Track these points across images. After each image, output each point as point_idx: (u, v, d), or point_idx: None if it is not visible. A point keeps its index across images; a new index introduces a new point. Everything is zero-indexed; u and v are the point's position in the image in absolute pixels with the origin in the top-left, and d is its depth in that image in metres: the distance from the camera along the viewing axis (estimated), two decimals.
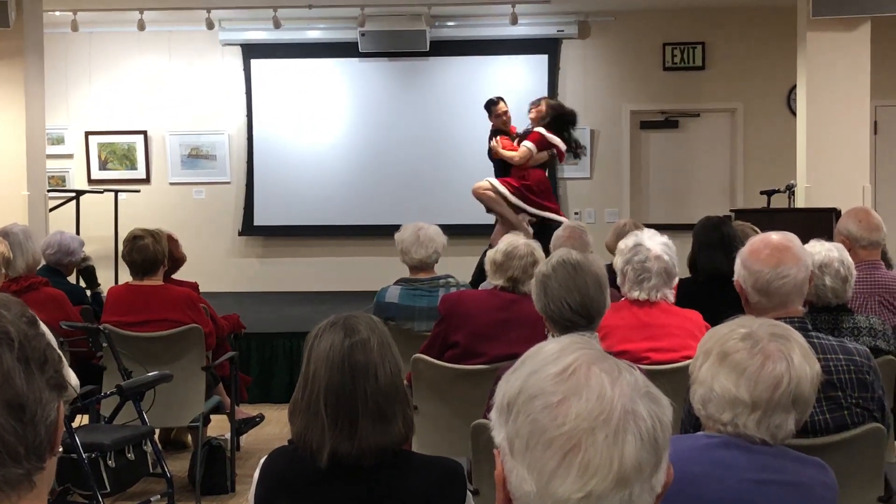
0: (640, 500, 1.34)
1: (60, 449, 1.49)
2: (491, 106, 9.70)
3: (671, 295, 4.47)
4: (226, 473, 6.23)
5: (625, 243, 4.50)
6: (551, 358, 1.41)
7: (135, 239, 6.14)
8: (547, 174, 9.72)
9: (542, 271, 3.64)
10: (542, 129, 9.30)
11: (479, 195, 9.36)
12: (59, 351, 1.51)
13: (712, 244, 5.64)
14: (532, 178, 9.32)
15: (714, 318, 2.93)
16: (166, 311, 6.11)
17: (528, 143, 9.26)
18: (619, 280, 4.36)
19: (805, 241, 3.90)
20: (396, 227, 6.20)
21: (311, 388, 2.58)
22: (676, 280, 4.52)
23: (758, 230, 5.64)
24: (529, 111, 9.62)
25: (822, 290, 4.23)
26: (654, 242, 4.44)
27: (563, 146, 9.40)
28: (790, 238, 3.57)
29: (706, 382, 2.51)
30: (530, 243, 4.96)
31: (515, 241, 4.94)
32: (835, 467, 2.59)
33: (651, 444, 1.35)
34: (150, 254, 6.11)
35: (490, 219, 9.54)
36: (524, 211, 9.21)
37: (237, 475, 6.34)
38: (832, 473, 2.52)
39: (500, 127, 9.61)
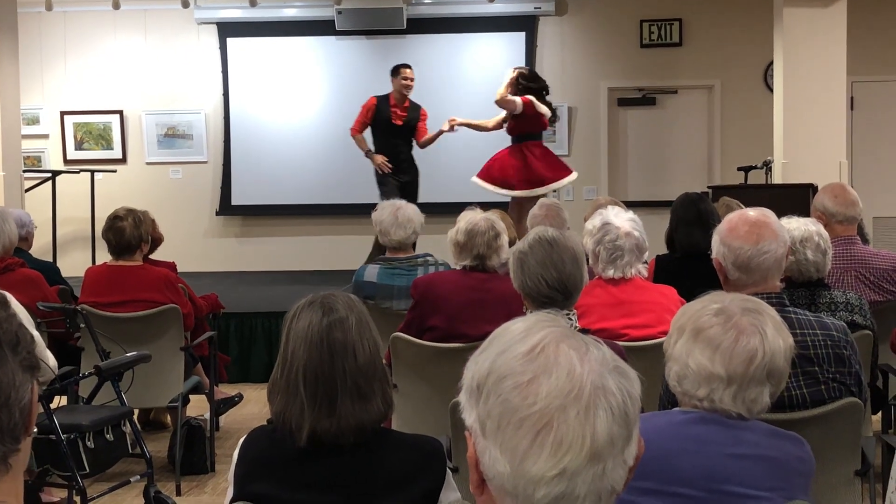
0: (613, 474, 1.35)
1: (35, 430, 1.49)
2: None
3: (644, 269, 4.48)
4: (205, 453, 6.22)
5: (592, 224, 4.50)
6: (519, 337, 1.41)
7: (115, 219, 6.12)
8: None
9: (518, 248, 3.64)
10: (532, 98, 9.27)
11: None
12: (32, 331, 1.49)
13: (689, 221, 5.65)
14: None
15: (691, 294, 2.94)
16: (144, 291, 6.09)
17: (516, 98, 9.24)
18: (591, 261, 4.35)
19: (781, 217, 3.91)
20: (374, 206, 6.18)
21: (290, 368, 2.58)
22: (647, 254, 4.53)
23: (743, 206, 5.67)
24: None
25: (804, 264, 4.24)
26: (622, 219, 4.44)
27: (547, 114, 9.40)
28: (767, 214, 3.58)
29: (681, 359, 2.52)
30: (489, 217, 4.95)
31: (474, 218, 4.93)
32: (812, 441, 2.60)
33: (622, 418, 1.35)
34: (126, 237, 6.08)
35: (463, 197, 9.51)
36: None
37: (217, 455, 6.34)
38: (808, 447, 2.53)
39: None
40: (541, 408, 1.32)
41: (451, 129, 10.00)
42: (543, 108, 9.25)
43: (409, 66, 9.99)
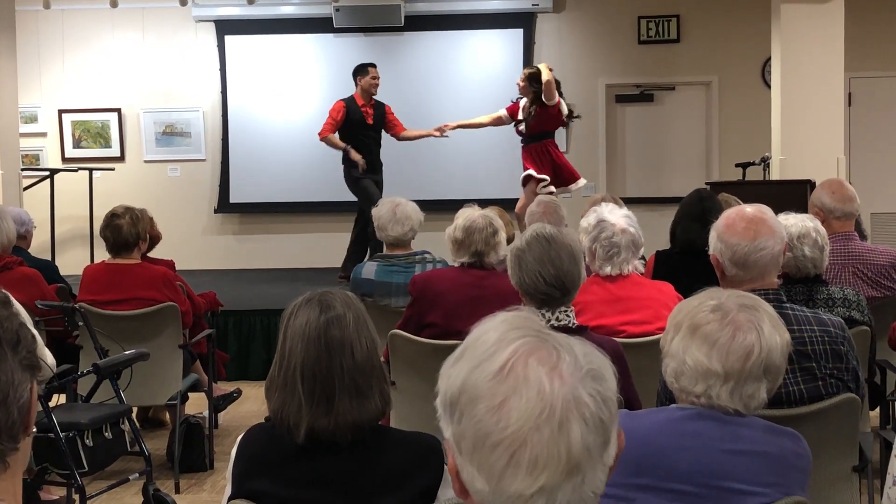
0: (593, 480, 1.35)
1: (34, 429, 1.49)
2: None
3: (640, 266, 4.49)
4: (204, 451, 6.23)
5: (587, 221, 4.51)
6: (490, 352, 1.40)
7: (112, 216, 6.12)
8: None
9: (516, 246, 3.64)
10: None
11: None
12: (32, 330, 1.50)
13: (692, 216, 5.64)
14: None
15: (688, 290, 2.94)
16: (142, 289, 6.09)
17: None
18: (587, 258, 4.35)
19: (778, 213, 3.91)
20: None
21: (288, 365, 2.58)
22: (643, 250, 4.54)
23: (741, 202, 5.67)
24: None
25: (801, 260, 4.24)
26: (617, 216, 4.45)
27: (565, 113, 9.41)
28: (764, 210, 3.58)
29: (678, 356, 2.52)
30: (486, 214, 4.97)
31: (472, 215, 4.94)
32: (809, 437, 2.61)
33: (597, 426, 1.35)
34: (123, 234, 6.08)
35: (461, 194, 9.51)
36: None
37: (216, 452, 6.35)
38: (805, 443, 2.54)
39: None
40: (513, 430, 1.32)
41: (442, 134, 10.00)
42: (566, 109, 9.30)
43: (374, 66, 10.01)
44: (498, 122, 9.64)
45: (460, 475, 1.39)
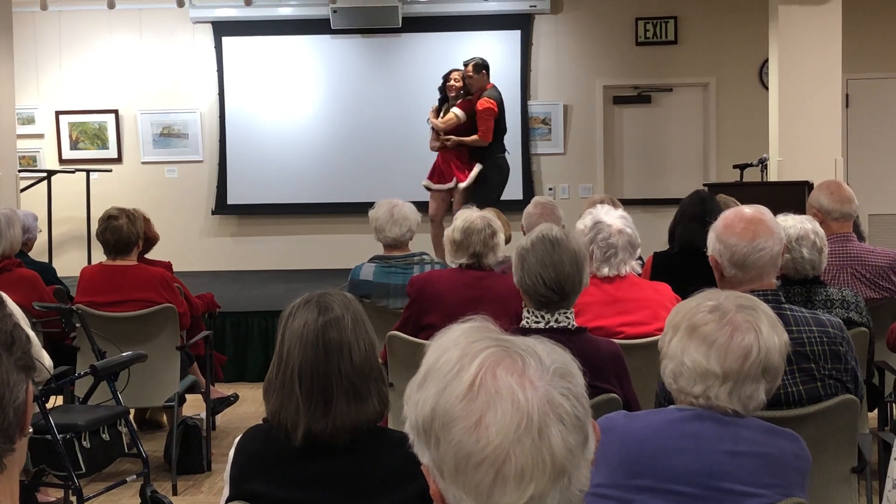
0: (579, 478, 1.34)
1: (30, 430, 1.48)
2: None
3: (638, 266, 4.48)
4: (202, 453, 6.22)
5: (583, 223, 4.50)
6: (455, 371, 1.38)
7: (109, 219, 6.12)
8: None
9: (521, 245, 3.63)
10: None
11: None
12: (28, 331, 1.49)
13: (693, 216, 5.63)
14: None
15: (687, 291, 2.94)
16: (140, 290, 6.08)
17: (456, 110, 9.51)
18: None
19: (777, 214, 3.91)
20: (370, 205, 6.17)
21: (285, 367, 2.58)
22: (640, 250, 4.53)
23: (739, 204, 5.67)
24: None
25: (800, 262, 4.25)
26: (613, 217, 4.45)
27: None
28: (762, 211, 3.58)
29: (676, 357, 2.52)
30: (485, 215, 4.97)
31: (470, 216, 4.94)
32: (808, 438, 2.60)
33: (574, 424, 1.34)
34: (124, 235, 6.08)
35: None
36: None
37: (213, 454, 6.34)
38: (804, 444, 2.53)
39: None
40: (495, 446, 1.31)
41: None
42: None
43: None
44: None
45: (445, 499, 1.37)
